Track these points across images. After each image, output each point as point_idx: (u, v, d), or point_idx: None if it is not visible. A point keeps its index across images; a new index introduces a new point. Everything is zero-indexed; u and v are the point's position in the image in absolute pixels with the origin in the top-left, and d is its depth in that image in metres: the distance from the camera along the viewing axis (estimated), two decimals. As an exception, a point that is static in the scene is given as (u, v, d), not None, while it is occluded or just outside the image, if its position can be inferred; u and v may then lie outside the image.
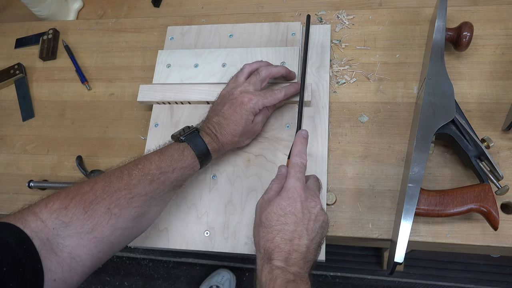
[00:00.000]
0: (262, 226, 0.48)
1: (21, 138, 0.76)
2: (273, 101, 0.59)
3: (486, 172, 0.55)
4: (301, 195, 0.48)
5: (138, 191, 0.48)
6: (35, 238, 0.41)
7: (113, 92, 0.76)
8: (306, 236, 0.46)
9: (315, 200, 0.49)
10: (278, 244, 0.45)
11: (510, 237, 0.55)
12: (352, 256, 1.44)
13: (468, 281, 1.35)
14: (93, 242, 0.45)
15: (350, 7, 0.80)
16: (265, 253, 0.46)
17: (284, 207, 0.47)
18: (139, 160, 0.51)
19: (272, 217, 0.47)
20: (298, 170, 0.50)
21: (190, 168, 0.53)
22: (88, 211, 0.45)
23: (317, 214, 0.48)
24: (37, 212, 0.43)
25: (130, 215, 0.48)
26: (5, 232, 0.40)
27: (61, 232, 0.43)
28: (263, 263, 0.46)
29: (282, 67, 0.62)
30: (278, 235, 0.46)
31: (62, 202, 0.45)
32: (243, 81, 0.60)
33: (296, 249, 0.45)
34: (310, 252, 0.47)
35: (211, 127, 0.56)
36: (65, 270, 0.42)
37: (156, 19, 0.81)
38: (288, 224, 0.46)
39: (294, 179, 0.49)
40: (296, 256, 0.45)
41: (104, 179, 0.48)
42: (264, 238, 0.47)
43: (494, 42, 0.67)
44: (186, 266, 1.52)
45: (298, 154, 0.51)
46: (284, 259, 0.45)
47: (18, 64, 0.82)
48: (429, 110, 0.56)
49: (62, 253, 0.43)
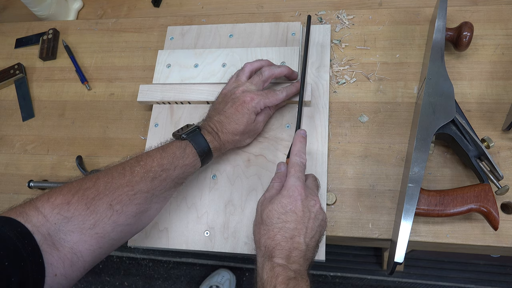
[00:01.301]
0: (263, 224, 0.48)
1: (21, 138, 0.76)
2: (274, 102, 0.59)
3: (486, 172, 0.55)
4: (302, 193, 0.48)
5: (140, 188, 0.48)
6: (36, 232, 0.41)
7: (113, 92, 0.76)
8: (306, 234, 0.47)
9: (314, 199, 0.50)
10: (279, 242, 0.46)
11: (510, 237, 0.55)
12: (352, 256, 1.44)
13: (468, 281, 1.35)
14: (95, 238, 0.45)
15: (350, 7, 0.80)
16: (266, 250, 0.46)
17: (285, 205, 0.48)
18: (141, 157, 0.51)
19: (273, 215, 0.48)
20: (298, 169, 0.51)
21: (192, 166, 0.53)
22: (90, 207, 0.45)
23: (316, 213, 0.49)
24: (39, 206, 0.43)
25: (132, 211, 0.48)
26: (6, 227, 0.40)
27: (62, 227, 0.43)
28: (263, 261, 0.46)
29: (285, 67, 0.62)
30: (279, 233, 0.47)
31: (64, 197, 0.45)
32: (245, 80, 0.60)
33: (297, 247, 0.46)
34: (310, 250, 0.48)
35: (212, 126, 0.56)
36: (66, 265, 0.43)
37: (156, 19, 0.81)
38: (289, 222, 0.47)
39: (294, 178, 0.50)
40: (297, 254, 0.46)
41: (106, 175, 0.48)
42: (265, 235, 0.47)
43: (494, 42, 0.67)
44: (186, 266, 1.53)
45: (297, 153, 0.52)
46: (285, 257, 0.45)
47: (18, 64, 0.82)
48: (429, 110, 0.56)
49: (64, 248, 0.43)
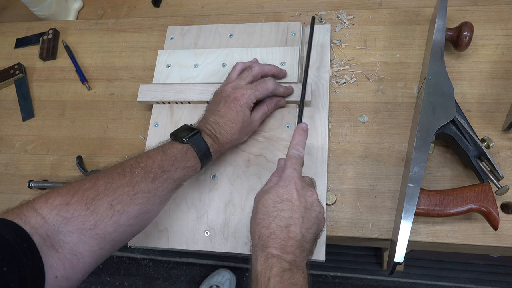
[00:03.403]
0: (259, 213, 0.47)
1: (21, 138, 0.76)
2: (264, 92, 0.59)
3: (486, 172, 0.55)
4: (298, 183, 0.48)
5: (141, 188, 0.48)
6: (34, 234, 0.40)
7: (113, 92, 0.76)
8: (302, 224, 0.46)
9: (311, 190, 0.49)
10: (273, 231, 0.45)
11: (510, 237, 0.55)
12: (352, 256, 1.44)
13: (468, 281, 1.35)
14: (95, 238, 0.44)
15: (350, 7, 0.80)
16: (259, 239, 0.46)
17: (281, 195, 0.47)
18: (141, 157, 0.50)
19: (269, 204, 0.47)
20: (295, 161, 0.51)
21: (192, 169, 0.53)
22: (90, 207, 0.44)
23: (312, 203, 0.48)
24: (37, 208, 0.43)
25: (134, 212, 0.47)
26: (4, 229, 0.39)
27: (62, 228, 0.43)
28: (257, 251, 0.45)
29: (274, 66, 0.64)
30: (274, 221, 0.46)
31: (63, 198, 0.44)
32: (235, 77, 0.61)
33: (292, 236, 0.45)
34: (306, 241, 0.46)
35: (210, 128, 0.56)
36: (66, 267, 0.42)
37: (156, 19, 0.81)
38: (285, 211, 0.46)
39: (291, 169, 0.49)
40: (292, 244, 0.45)
41: (106, 176, 0.47)
42: (260, 224, 0.46)
43: (494, 42, 0.67)
44: (186, 266, 1.52)
45: (294, 146, 0.52)
46: (280, 247, 0.44)
47: (18, 64, 0.82)
48: (429, 110, 0.56)
49: (63, 249, 0.42)
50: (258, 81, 0.60)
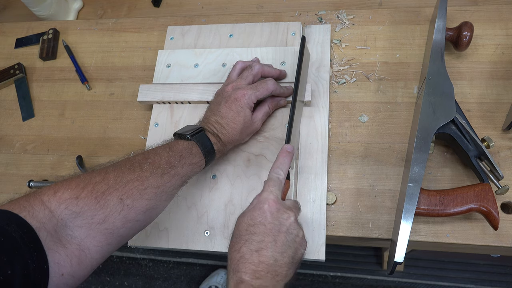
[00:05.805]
0: (233, 236, 0.47)
1: (21, 138, 0.76)
2: (265, 92, 0.59)
3: (486, 172, 0.55)
4: (272, 206, 0.47)
5: (150, 183, 0.47)
6: (41, 229, 0.39)
7: (113, 92, 0.76)
8: (274, 248, 0.44)
9: (288, 213, 0.47)
10: (243, 255, 0.44)
11: (510, 237, 0.55)
12: (352, 256, 1.44)
13: (468, 281, 1.35)
14: (104, 233, 0.43)
15: (350, 7, 0.80)
16: (231, 263, 0.45)
17: (255, 217, 0.46)
18: (148, 154, 0.50)
19: (242, 227, 0.46)
20: (272, 184, 0.49)
21: (198, 165, 0.53)
22: (100, 201, 0.43)
23: (289, 227, 0.47)
24: (45, 201, 0.42)
25: (142, 207, 0.47)
26: (11, 227, 0.38)
27: (69, 222, 0.42)
28: (229, 275, 0.44)
29: (274, 69, 0.64)
30: (245, 245, 0.45)
31: (73, 192, 0.43)
32: (235, 77, 0.61)
33: (263, 260, 0.43)
34: (280, 265, 0.44)
35: (211, 127, 0.56)
36: (73, 263, 0.41)
37: (156, 19, 0.81)
38: (256, 234, 0.45)
39: (267, 192, 0.48)
40: (263, 268, 0.43)
41: (116, 170, 0.47)
42: (232, 248, 0.46)
43: (494, 42, 0.67)
44: (186, 266, 1.53)
45: (275, 169, 0.51)
46: (250, 271, 0.43)
47: (18, 64, 0.82)
48: (429, 110, 0.56)
49: (71, 245, 0.41)
50: (258, 82, 0.60)
